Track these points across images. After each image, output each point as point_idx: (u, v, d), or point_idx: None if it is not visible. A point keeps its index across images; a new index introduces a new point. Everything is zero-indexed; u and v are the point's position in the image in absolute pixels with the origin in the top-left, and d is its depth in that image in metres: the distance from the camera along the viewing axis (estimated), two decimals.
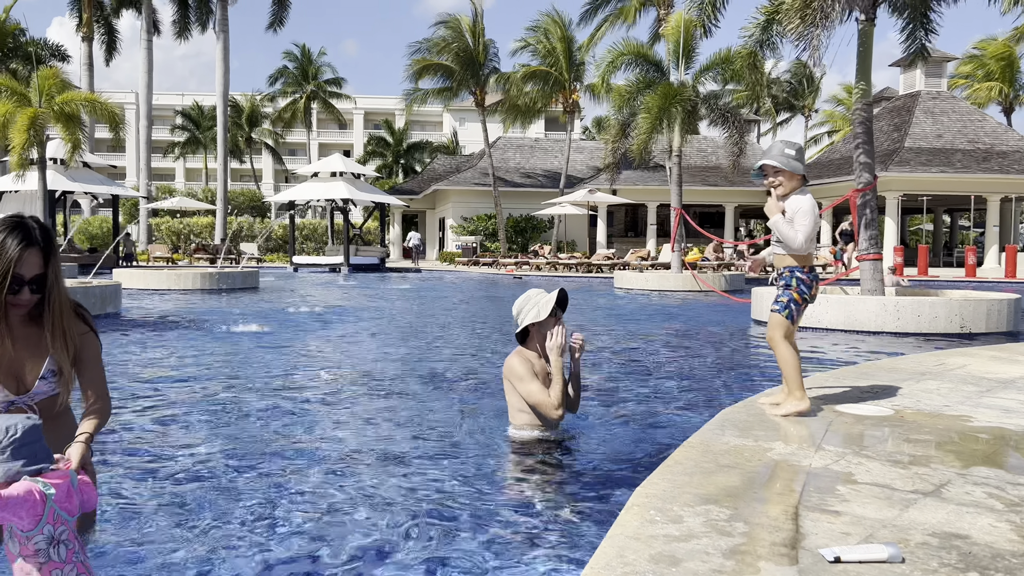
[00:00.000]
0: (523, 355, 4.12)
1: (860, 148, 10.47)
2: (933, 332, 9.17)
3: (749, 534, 2.24)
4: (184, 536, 2.86)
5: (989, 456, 3.17)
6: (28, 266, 2.34)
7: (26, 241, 2.34)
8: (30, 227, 2.37)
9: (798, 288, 3.95)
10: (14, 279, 2.32)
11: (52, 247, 2.40)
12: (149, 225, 39.96)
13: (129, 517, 3.05)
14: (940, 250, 37.83)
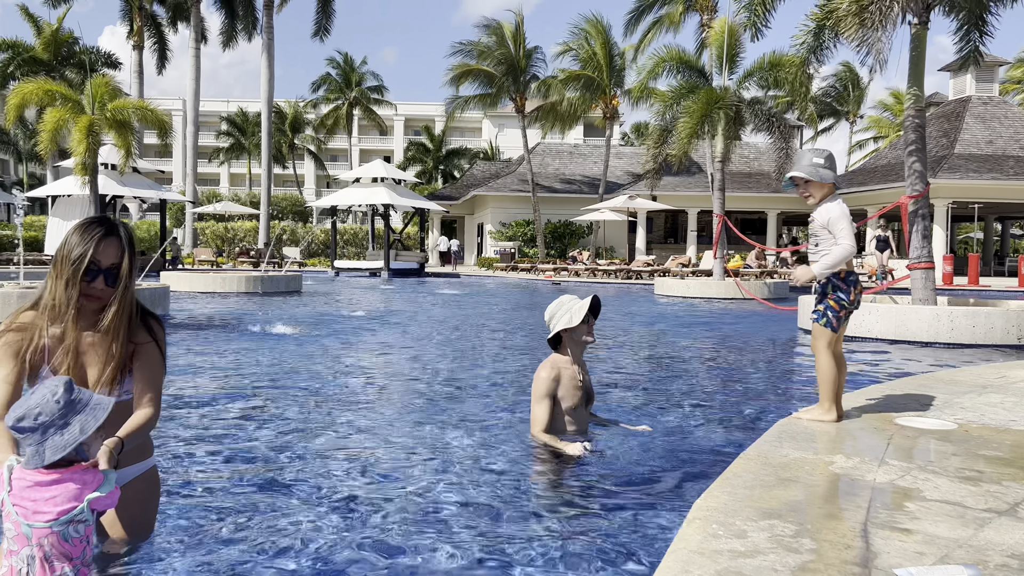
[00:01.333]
0: (555, 364, 4.07)
1: (913, 155, 10.23)
2: (988, 343, 8.91)
3: (817, 551, 2.17)
4: (214, 537, 2.87)
5: None
6: (106, 255, 2.38)
7: (106, 230, 2.39)
8: (113, 222, 2.45)
9: (835, 295, 3.86)
10: (92, 263, 2.35)
11: (132, 243, 2.45)
12: (194, 229, 40.71)
13: (177, 518, 3.07)
14: (991, 259, 36.84)
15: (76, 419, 2.01)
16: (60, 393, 2.03)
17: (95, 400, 2.08)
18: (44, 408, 2.00)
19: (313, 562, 2.67)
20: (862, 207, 32.46)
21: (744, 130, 20.19)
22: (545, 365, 4.08)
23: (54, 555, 2.00)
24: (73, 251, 2.34)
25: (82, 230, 2.38)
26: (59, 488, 1.99)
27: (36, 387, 2.07)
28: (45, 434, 1.98)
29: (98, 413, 2.05)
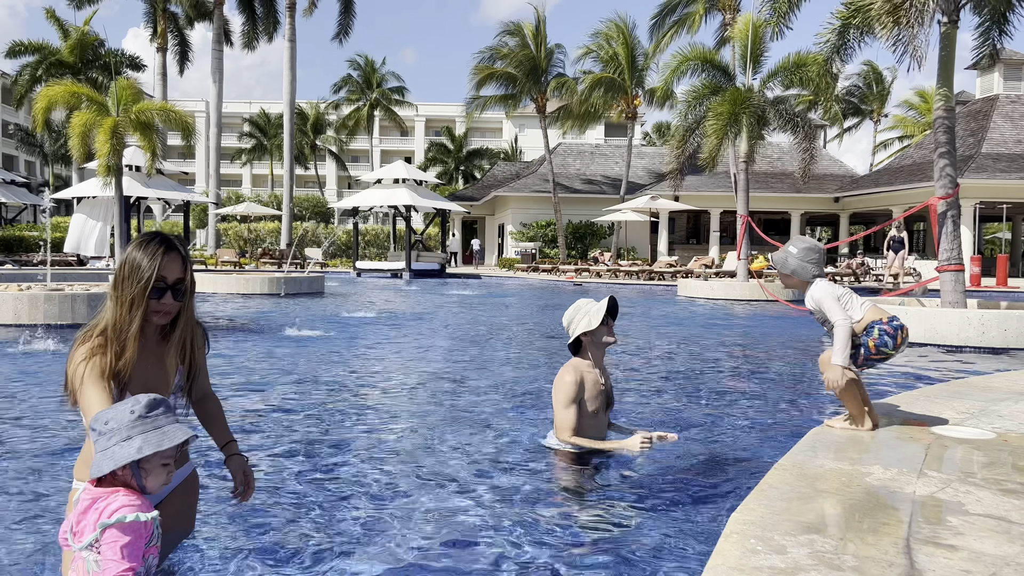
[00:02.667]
0: (577, 368, 4.01)
1: (944, 157, 10.07)
2: (1021, 347, 8.74)
3: (860, 568, 2.11)
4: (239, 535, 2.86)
5: None
6: (171, 270, 2.39)
7: (167, 245, 2.41)
8: (168, 236, 2.45)
9: (879, 338, 3.73)
10: (160, 280, 2.36)
11: (189, 256, 2.48)
12: (217, 230, 41.04)
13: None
14: (1019, 260, 36.26)
15: (139, 437, 1.92)
16: (139, 407, 1.96)
17: (171, 428, 1.98)
18: (116, 417, 1.95)
19: (334, 566, 2.64)
20: (887, 207, 32.08)
21: (768, 130, 20.01)
22: (568, 369, 4.02)
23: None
24: (141, 271, 2.35)
25: (143, 248, 2.38)
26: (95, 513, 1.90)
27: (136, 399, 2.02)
28: (109, 442, 1.92)
29: (165, 441, 1.95)
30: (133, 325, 2.35)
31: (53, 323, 9.96)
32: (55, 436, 4.45)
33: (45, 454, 4.07)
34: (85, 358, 2.31)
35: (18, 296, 10.05)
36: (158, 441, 1.94)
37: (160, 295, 2.38)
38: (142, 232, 2.54)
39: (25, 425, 4.71)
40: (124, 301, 2.36)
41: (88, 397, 2.24)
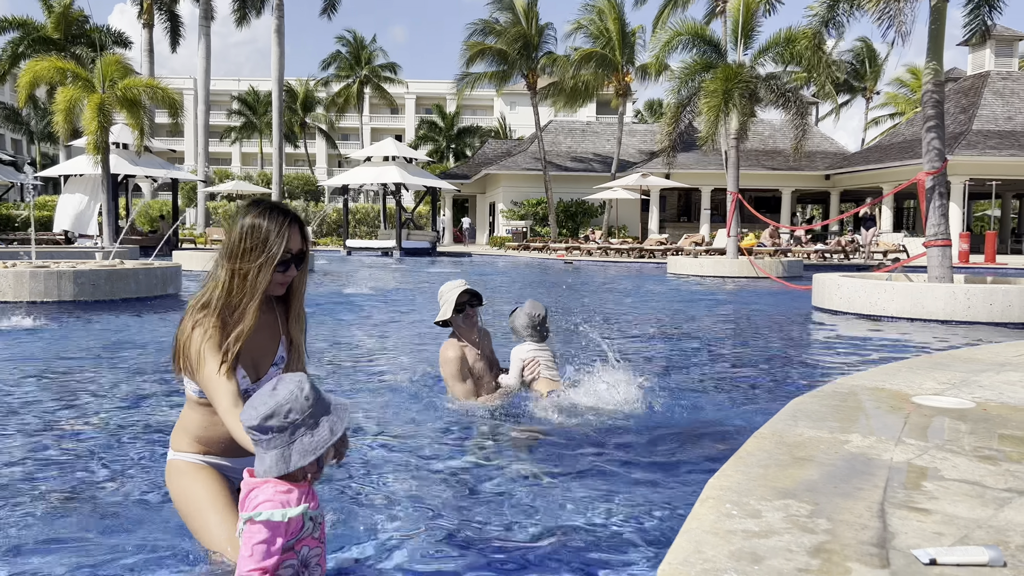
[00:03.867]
0: (455, 344, 4.22)
1: (932, 131, 10.06)
2: (1006, 322, 8.80)
3: (833, 531, 2.12)
4: None
5: None
6: (295, 241, 2.36)
7: (290, 216, 2.36)
8: (281, 204, 2.40)
9: None
10: (286, 252, 2.33)
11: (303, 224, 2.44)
12: (207, 208, 40.78)
13: None
14: (1008, 237, 36.43)
15: (325, 420, 1.81)
16: (307, 389, 1.82)
17: (335, 400, 1.88)
18: (294, 405, 1.78)
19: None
20: (878, 184, 32.12)
21: (759, 106, 19.95)
22: (448, 347, 4.23)
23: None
24: (269, 243, 2.30)
25: (267, 218, 2.33)
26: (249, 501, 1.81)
27: (273, 382, 1.88)
28: (294, 435, 1.77)
29: (342, 414, 1.85)
30: (256, 297, 2.31)
31: (39, 300, 9.90)
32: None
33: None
34: (204, 331, 2.29)
35: (3, 273, 9.98)
36: (341, 418, 1.84)
37: (285, 267, 2.35)
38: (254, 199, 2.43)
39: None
40: (245, 272, 2.30)
41: (211, 370, 2.23)
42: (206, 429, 2.44)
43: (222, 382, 2.22)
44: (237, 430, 2.11)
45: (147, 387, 5.11)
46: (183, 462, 2.48)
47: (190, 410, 2.47)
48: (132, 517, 2.82)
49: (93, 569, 2.39)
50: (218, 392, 2.21)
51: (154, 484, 3.16)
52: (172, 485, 2.49)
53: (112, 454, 3.61)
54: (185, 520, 2.45)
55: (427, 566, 2.46)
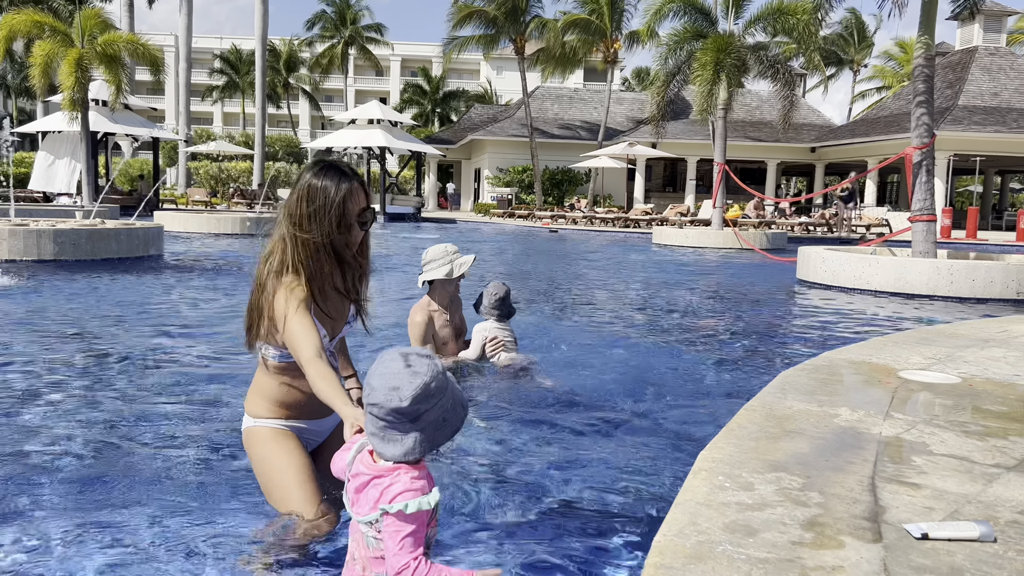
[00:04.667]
0: (426, 309, 4.21)
1: (921, 106, 10.05)
2: (988, 297, 8.89)
3: (825, 505, 2.14)
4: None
5: None
6: (356, 201, 2.33)
7: (347, 177, 2.33)
8: (341, 164, 2.37)
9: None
10: (347, 216, 2.32)
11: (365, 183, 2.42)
12: (188, 169, 40.24)
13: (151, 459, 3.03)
14: (989, 213, 36.73)
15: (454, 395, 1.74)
16: (441, 366, 1.75)
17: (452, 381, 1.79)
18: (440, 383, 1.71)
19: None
20: (863, 158, 32.19)
21: (748, 77, 19.83)
22: (417, 310, 4.21)
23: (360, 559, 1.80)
24: (333, 205, 2.29)
25: (328, 179, 2.30)
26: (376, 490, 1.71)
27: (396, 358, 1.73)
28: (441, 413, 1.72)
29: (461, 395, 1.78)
30: (320, 258, 2.31)
31: (18, 258, 9.74)
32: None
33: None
34: (287, 288, 2.29)
35: None
36: (464, 401, 1.77)
37: (348, 228, 2.33)
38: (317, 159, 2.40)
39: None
40: (307, 233, 2.30)
41: (298, 325, 2.23)
42: (287, 394, 2.46)
43: (307, 333, 2.22)
44: (317, 380, 2.11)
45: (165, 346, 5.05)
46: (265, 428, 2.48)
47: (268, 377, 2.47)
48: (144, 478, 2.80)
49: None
50: (302, 341, 2.21)
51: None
52: (253, 451, 2.49)
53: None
54: (264, 485, 2.46)
55: None
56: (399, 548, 1.64)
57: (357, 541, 1.80)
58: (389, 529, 1.66)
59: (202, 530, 2.43)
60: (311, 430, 2.54)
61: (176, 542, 2.35)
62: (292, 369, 2.40)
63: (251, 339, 2.43)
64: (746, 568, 1.74)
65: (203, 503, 2.64)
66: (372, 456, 1.76)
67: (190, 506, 2.61)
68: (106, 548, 2.29)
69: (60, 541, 2.33)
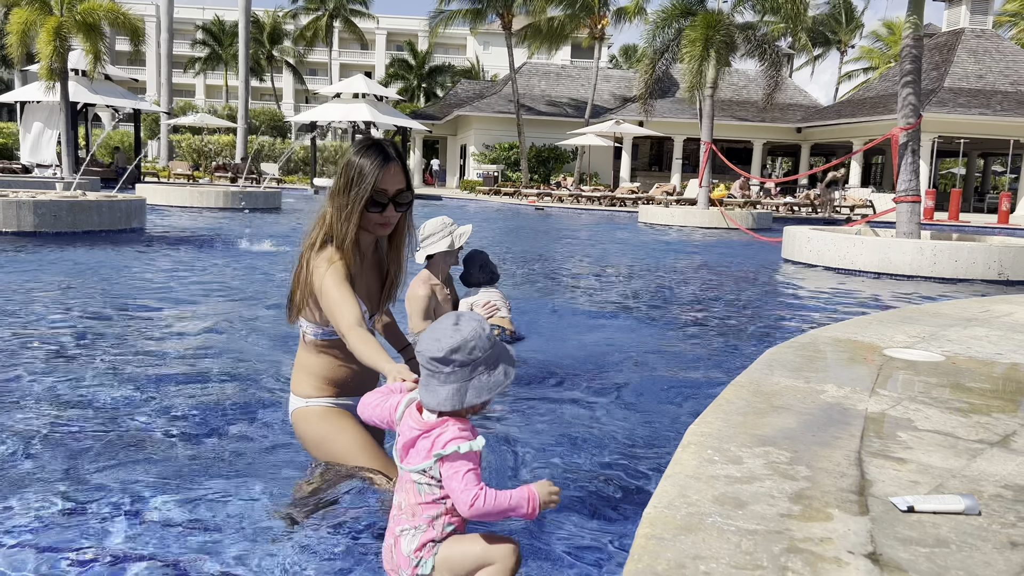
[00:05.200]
0: (427, 282, 4.17)
1: (908, 87, 10.08)
2: (970, 278, 8.98)
3: (813, 479, 2.15)
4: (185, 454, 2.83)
5: None
6: (391, 181, 2.30)
7: (384, 155, 2.30)
8: (385, 144, 2.34)
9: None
10: (379, 195, 2.29)
11: (407, 164, 2.38)
12: (170, 142, 39.72)
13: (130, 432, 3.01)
14: (971, 195, 37.02)
15: (501, 363, 1.81)
16: (489, 330, 1.81)
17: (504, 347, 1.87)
18: (478, 343, 1.77)
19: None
20: (849, 139, 32.30)
21: (735, 56, 19.79)
22: (419, 284, 4.18)
23: (408, 507, 1.83)
24: (364, 182, 2.27)
25: (365, 156, 2.29)
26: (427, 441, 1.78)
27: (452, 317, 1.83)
28: (474, 372, 1.77)
29: (512, 358, 1.85)
30: (349, 234, 2.30)
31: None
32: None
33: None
34: (327, 260, 2.29)
35: None
36: (512, 361, 1.84)
37: (383, 207, 2.31)
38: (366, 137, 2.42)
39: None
40: (342, 209, 2.30)
41: (337, 295, 2.23)
42: (334, 370, 2.45)
43: (347, 301, 2.22)
44: (358, 345, 2.12)
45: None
46: (317, 408, 2.47)
47: (313, 355, 2.47)
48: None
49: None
50: (342, 309, 2.21)
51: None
52: (308, 432, 2.48)
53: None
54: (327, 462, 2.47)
55: None
56: (464, 485, 1.74)
57: (407, 491, 1.84)
58: (449, 472, 1.76)
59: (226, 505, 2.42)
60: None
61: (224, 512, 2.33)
62: (333, 345, 2.41)
63: (291, 315, 2.45)
64: (735, 539, 1.75)
65: (194, 474, 2.62)
66: (420, 412, 1.84)
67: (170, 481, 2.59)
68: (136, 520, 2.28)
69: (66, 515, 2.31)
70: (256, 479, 2.61)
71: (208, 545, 2.17)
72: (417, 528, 1.82)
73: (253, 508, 2.40)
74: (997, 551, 1.76)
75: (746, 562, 1.65)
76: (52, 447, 2.82)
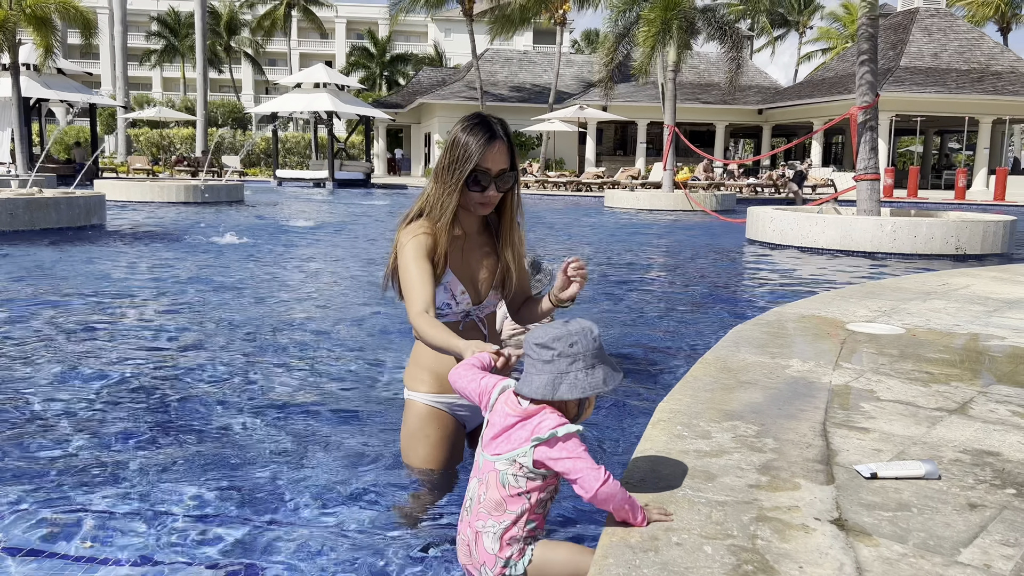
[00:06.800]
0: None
1: (865, 65, 10.22)
2: (929, 253, 9.18)
3: (780, 450, 2.21)
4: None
5: (1007, 375, 3.16)
6: (494, 160, 2.24)
7: (490, 134, 2.24)
8: (492, 121, 2.27)
9: None
10: (481, 174, 2.23)
11: (514, 145, 2.31)
12: (127, 136, 38.95)
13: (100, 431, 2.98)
14: (929, 172, 37.73)
15: (602, 367, 1.79)
16: (596, 332, 1.81)
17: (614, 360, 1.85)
18: (581, 339, 1.77)
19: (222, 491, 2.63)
20: (809, 119, 32.70)
21: (697, 39, 19.90)
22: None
23: (488, 500, 1.78)
24: (466, 158, 2.21)
25: (469, 133, 2.24)
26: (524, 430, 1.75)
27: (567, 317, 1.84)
28: (572, 365, 1.76)
29: (617, 369, 1.83)
30: (447, 212, 2.24)
31: None
32: None
33: None
34: (412, 235, 2.24)
35: None
36: (616, 373, 1.81)
37: (483, 187, 2.24)
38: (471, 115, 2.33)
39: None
40: (443, 185, 2.25)
41: (411, 275, 2.18)
42: (435, 361, 2.38)
43: (420, 283, 2.16)
44: (427, 330, 2.06)
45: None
46: (419, 405, 2.43)
47: (418, 342, 2.41)
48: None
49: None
50: (413, 292, 2.16)
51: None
52: (406, 422, 2.46)
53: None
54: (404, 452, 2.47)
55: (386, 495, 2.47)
56: (586, 465, 1.70)
57: (487, 483, 1.79)
58: (565, 452, 1.71)
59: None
60: (464, 405, 2.44)
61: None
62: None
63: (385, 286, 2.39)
64: (706, 511, 1.79)
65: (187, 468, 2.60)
66: (517, 400, 1.81)
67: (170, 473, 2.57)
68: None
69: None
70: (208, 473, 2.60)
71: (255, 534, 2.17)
72: (501, 524, 1.76)
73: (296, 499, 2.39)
74: (957, 512, 1.82)
75: (717, 532, 1.69)
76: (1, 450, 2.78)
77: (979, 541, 1.68)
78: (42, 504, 2.33)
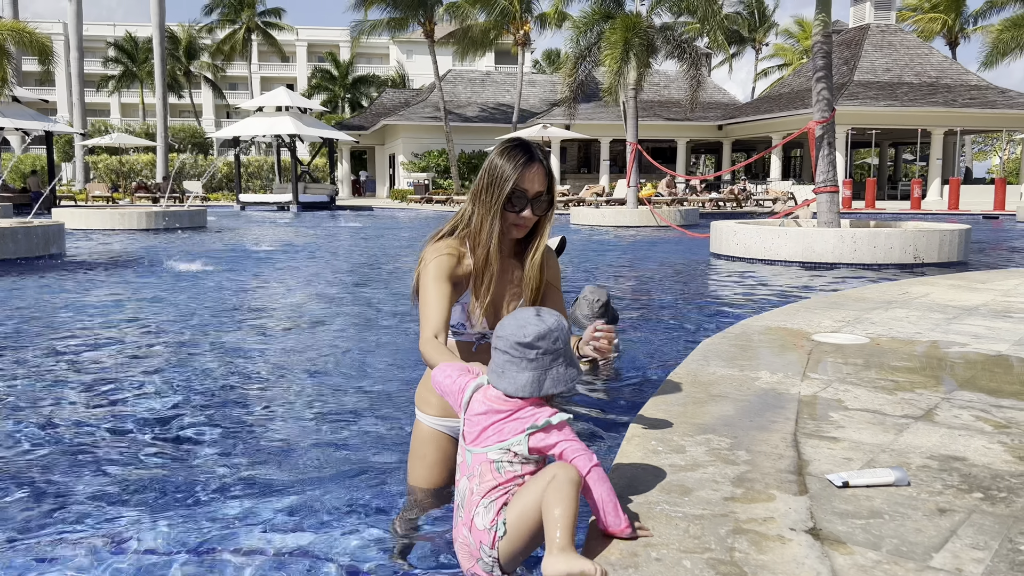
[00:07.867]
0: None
1: (821, 81, 10.46)
2: (888, 263, 9.37)
3: (753, 462, 2.23)
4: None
5: (968, 380, 3.23)
6: (531, 182, 2.22)
7: (528, 156, 2.22)
8: (531, 145, 2.26)
9: None
10: (518, 194, 2.21)
11: (551, 169, 2.30)
12: (86, 163, 38.35)
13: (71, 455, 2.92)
14: (885, 183, 38.58)
15: (572, 359, 1.87)
16: (567, 324, 1.89)
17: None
18: (561, 335, 1.83)
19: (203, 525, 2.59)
20: (768, 134, 33.29)
21: (656, 57, 20.19)
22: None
23: (482, 488, 1.80)
24: (503, 180, 2.20)
25: (506, 155, 2.22)
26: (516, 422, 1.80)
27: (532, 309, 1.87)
28: (555, 361, 1.81)
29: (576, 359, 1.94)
30: (491, 235, 2.23)
31: None
32: None
33: None
34: (435, 255, 2.23)
35: None
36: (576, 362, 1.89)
37: (518, 208, 2.23)
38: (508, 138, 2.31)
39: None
40: (482, 210, 2.24)
41: (428, 297, 2.17)
42: None
43: (435, 307, 2.15)
44: (430, 356, 2.06)
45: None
46: (425, 428, 2.43)
47: None
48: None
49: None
50: (426, 313, 2.15)
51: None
52: (413, 443, 2.47)
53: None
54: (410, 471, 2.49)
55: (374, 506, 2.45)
56: (580, 447, 1.78)
57: (480, 475, 1.82)
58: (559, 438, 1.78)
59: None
60: None
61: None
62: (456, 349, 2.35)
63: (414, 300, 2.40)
64: (683, 525, 1.80)
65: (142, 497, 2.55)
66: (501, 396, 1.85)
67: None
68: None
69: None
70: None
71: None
72: (492, 501, 1.80)
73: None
74: (927, 518, 1.86)
75: (695, 546, 1.70)
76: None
77: (950, 545, 1.71)
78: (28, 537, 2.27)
